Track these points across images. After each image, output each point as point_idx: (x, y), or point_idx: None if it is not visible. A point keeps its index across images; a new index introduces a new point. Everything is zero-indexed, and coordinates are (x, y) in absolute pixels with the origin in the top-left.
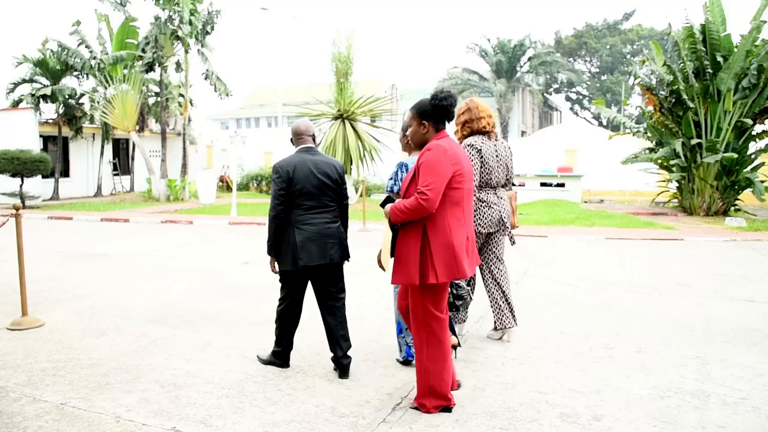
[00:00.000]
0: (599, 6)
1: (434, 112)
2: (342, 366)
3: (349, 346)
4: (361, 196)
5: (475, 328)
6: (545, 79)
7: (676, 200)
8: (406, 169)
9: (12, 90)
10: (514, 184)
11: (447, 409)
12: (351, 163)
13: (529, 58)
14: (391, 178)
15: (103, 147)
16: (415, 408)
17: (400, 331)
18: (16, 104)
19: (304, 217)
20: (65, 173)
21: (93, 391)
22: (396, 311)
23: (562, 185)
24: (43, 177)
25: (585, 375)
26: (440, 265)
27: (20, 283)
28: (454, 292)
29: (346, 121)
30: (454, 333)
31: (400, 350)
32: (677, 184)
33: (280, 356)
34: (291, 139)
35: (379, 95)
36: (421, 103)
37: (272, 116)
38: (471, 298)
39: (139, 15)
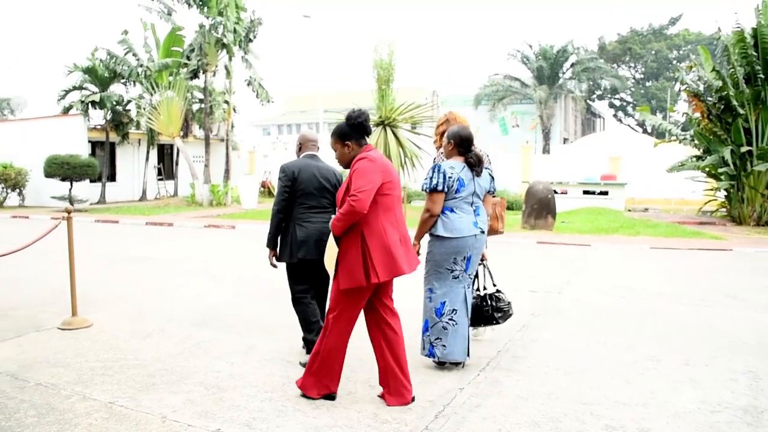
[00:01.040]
0: (645, 11)
1: (353, 131)
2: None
3: None
4: (402, 202)
5: (518, 337)
6: (588, 85)
7: (724, 209)
8: (439, 170)
9: (63, 97)
10: (555, 189)
11: (330, 396)
12: None
13: (572, 65)
14: (426, 179)
15: (148, 152)
16: (304, 396)
17: (426, 330)
18: (66, 111)
19: (305, 215)
20: (112, 178)
21: (140, 391)
22: (423, 311)
23: (605, 193)
24: (91, 181)
25: (631, 387)
26: (380, 266)
27: (71, 285)
28: (494, 304)
29: (388, 128)
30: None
31: (423, 348)
32: (726, 193)
33: (310, 344)
34: (298, 147)
35: (419, 102)
36: (338, 127)
37: (313, 122)
38: (512, 311)
39: (185, 23)
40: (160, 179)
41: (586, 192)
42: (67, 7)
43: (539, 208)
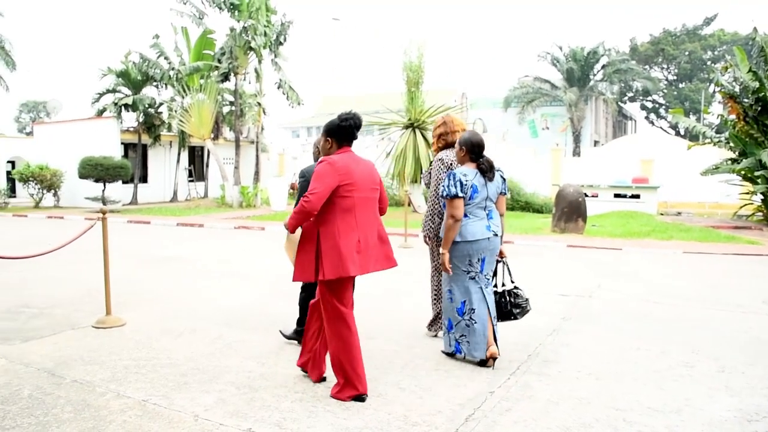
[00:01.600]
0: (678, 11)
1: (338, 131)
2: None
3: None
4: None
5: (548, 341)
6: (619, 87)
7: (760, 213)
8: (455, 178)
9: (97, 100)
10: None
11: (359, 398)
12: (421, 172)
13: (603, 66)
14: (442, 187)
15: (179, 154)
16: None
17: (450, 328)
18: (100, 113)
19: None
20: (144, 179)
21: (172, 390)
22: (444, 311)
23: (637, 196)
24: (124, 182)
25: (664, 393)
26: (327, 265)
27: (105, 284)
28: (512, 300)
29: (417, 130)
30: (496, 342)
31: (449, 345)
32: (762, 197)
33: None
34: (315, 151)
35: (449, 104)
36: (329, 122)
37: None
38: (530, 307)
39: (216, 27)
40: (190, 181)
41: (617, 195)
42: (101, 12)
43: (569, 211)
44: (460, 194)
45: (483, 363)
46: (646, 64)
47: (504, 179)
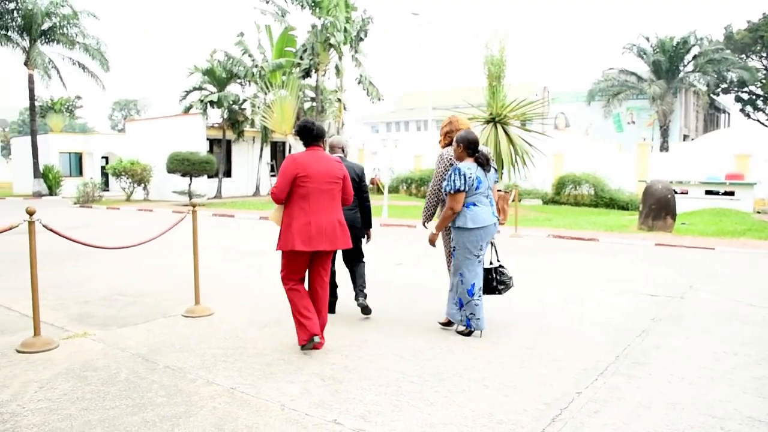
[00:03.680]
0: None
1: (300, 132)
2: (364, 308)
3: (366, 295)
4: (513, 201)
5: (637, 342)
6: (712, 78)
7: None
8: (459, 172)
9: (184, 97)
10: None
11: (311, 340)
12: (503, 168)
13: (694, 57)
14: (446, 181)
15: (262, 149)
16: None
17: (461, 306)
18: (187, 110)
19: None
20: (227, 174)
21: (259, 379)
22: (454, 290)
23: (730, 194)
24: (209, 177)
25: (766, 403)
26: (281, 239)
27: (194, 275)
28: (498, 277)
29: (498, 125)
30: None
31: (461, 320)
32: None
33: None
34: (329, 149)
35: (530, 98)
36: (297, 125)
37: (421, 120)
38: (512, 284)
39: (297, 24)
40: (272, 175)
41: (708, 192)
42: (188, 12)
43: (657, 208)
44: (463, 188)
45: (448, 324)
46: (743, 53)
47: (497, 171)
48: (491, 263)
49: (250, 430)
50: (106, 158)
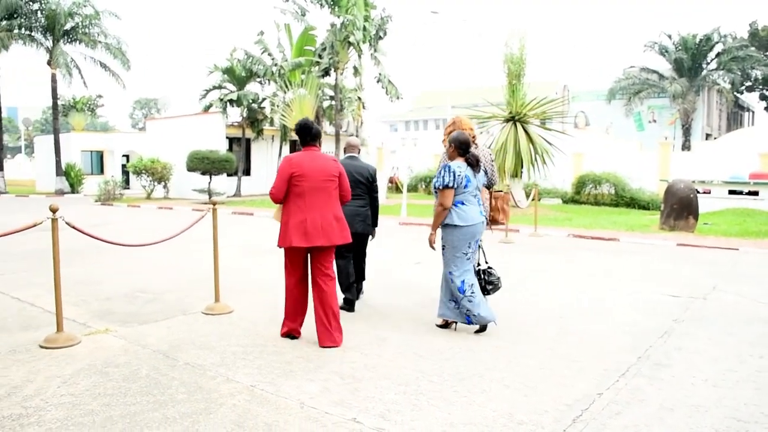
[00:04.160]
0: None
1: (298, 132)
2: (349, 301)
3: (361, 289)
4: (533, 200)
5: (659, 344)
6: (736, 76)
7: None
8: (449, 169)
9: (204, 96)
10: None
11: (289, 335)
12: (522, 167)
13: (717, 54)
14: (436, 178)
15: (281, 148)
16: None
17: (457, 304)
18: (207, 109)
19: None
20: (247, 172)
21: (279, 377)
22: (444, 289)
23: (755, 193)
24: (228, 175)
25: None
26: (279, 236)
27: (214, 272)
28: (486, 278)
29: (518, 124)
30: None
31: (461, 316)
32: None
33: (348, 303)
34: (344, 149)
35: (550, 97)
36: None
37: (440, 118)
38: (501, 285)
39: (317, 23)
40: None
41: (732, 192)
42: (208, 11)
43: (679, 208)
44: (451, 185)
45: (445, 326)
46: None
47: (486, 172)
48: (479, 265)
49: (270, 427)
50: (127, 156)
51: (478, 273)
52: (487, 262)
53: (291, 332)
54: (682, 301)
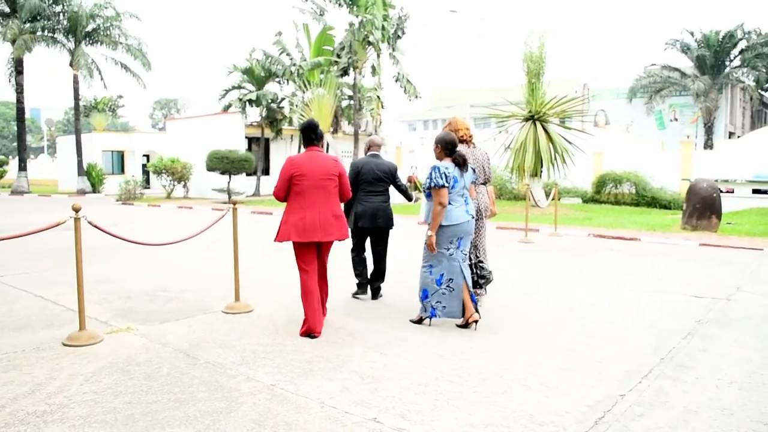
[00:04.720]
0: None
1: (303, 129)
2: (375, 291)
3: (383, 281)
4: (553, 199)
5: (683, 345)
6: (761, 73)
7: None
8: (439, 171)
9: (223, 96)
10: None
11: (309, 335)
12: (541, 166)
13: (741, 51)
14: (426, 179)
15: (299, 147)
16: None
17: (426, 297)
18: (226, 109)
19: (365, 196)
20: (266, 171)
21: (298, 376)
22: (421, 282)
23: None
24: (247, 175)
25: None
26: (279, 232)
27: (234, 271)
28: (478, 272)
29: (537, 123)
30: (476, 309)
31: (425, 311)
32: None
33: (361, 286)
34: (366, 148)
35: (570, 95)
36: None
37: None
38: (492, 278)
39: (335, 22)
40: None
41: (756, 191)
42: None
43: (702, 207)
44: (446, 184)
45: (465, 326)
46: None
47: (475, 171)
48: (470, 260)
49: (290, 426)
50: (147, 156)
51: (469, 267)
52: (478, 257)
53: (310, 331)
54: (705, 301)
